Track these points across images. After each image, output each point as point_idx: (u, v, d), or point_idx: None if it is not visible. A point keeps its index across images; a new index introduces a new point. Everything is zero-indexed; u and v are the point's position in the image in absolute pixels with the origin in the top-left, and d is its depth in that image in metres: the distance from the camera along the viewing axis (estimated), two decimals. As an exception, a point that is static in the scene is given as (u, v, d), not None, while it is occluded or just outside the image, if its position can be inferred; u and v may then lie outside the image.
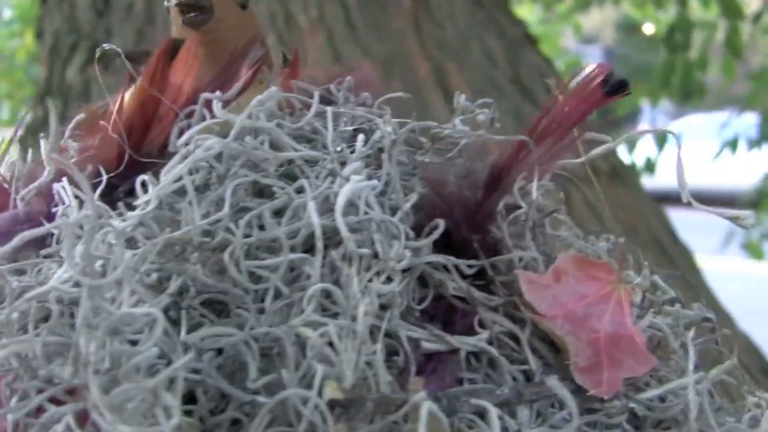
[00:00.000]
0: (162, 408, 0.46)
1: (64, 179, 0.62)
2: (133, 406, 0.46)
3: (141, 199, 0.57)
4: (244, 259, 0.54)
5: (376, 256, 0.54)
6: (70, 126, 0.69)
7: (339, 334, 0.49)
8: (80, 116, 0.70)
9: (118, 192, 0.62)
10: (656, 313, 0.67)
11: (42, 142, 0.66)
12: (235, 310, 0.54)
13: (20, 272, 0.60)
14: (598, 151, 0.68)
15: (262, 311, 0.53)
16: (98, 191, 0.60)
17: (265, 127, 0.60)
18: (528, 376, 0.57)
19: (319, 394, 0.47)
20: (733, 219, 0.64)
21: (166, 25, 2.01)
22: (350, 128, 0.65)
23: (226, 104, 0.61)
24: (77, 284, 0.51)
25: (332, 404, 0.47)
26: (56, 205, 0.61)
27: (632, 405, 0.57)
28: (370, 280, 0.53)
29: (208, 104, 0.61)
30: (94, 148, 0.65)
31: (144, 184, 0.58)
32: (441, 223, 0.57)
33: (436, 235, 0.56)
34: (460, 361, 0.55)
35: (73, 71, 2.33)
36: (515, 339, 0.58)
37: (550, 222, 0.69)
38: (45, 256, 0.60)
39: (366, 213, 0.55)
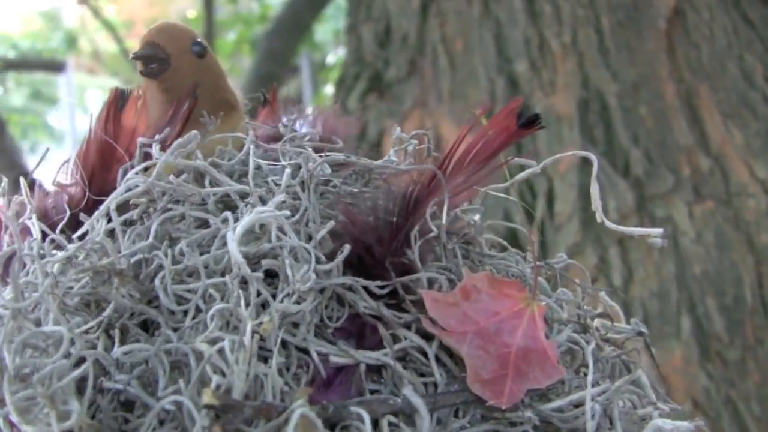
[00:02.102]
0: (61, 411, 0.55)
1: (33, 216, 0.72)
2: (38, 410, 0.55)
3: (78, 233, 0.67)
4: (174, 284, 0.63)
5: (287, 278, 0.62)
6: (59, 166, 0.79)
7: (231, 348, 0.56)
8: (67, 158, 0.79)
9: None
10: (585, 328, 0.71)
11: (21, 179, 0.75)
12: (163, 329, 0.62)
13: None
14: (523, 175, 0.73)
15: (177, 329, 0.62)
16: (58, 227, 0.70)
17: (199, 166, 0.69)
18: (435, 387, 0.63)
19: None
20: (644, 237, 0.68)
21: (435, 54, 2.12)
22: (286, 163, 0.72)
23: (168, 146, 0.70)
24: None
25: (208, 408, 0.54)
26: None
27: (528, 414, 0.62)
28: (281, 301, 0.61)
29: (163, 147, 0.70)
30: (66, 187, 0.75)
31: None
32: (347, 248, 0.63)
33: (341, 258, 0.63)
34: (361, 374, 0.61)
35: (354, 99, 2.48)
36: (425, 354, 0.63)
37: (486, 243, 0.75)
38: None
39: (279, 240, 0.63)
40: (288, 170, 0.70)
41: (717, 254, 1.91)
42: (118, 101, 0.76)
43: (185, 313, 0.62)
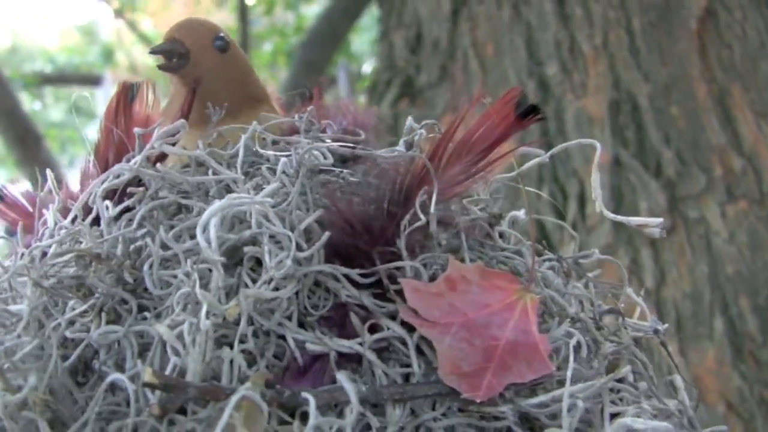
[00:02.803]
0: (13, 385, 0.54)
1: (50, 206, 0.70)
2: None
3: (67, 219, 0.65)
4: (162, 269, 0.63)
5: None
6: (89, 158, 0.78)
7: (188, 331, 0.55)
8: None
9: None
10: (597, 325, 0.69)
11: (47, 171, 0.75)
12: (134, 312, 0.62)
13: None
14: (530, 164, 0.71)
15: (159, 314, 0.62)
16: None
17: (196, 155, 0.68)
18: (408, 378, 0.61)
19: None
20: (641, 227, 0.66)
21: (466, 59, 2.11)
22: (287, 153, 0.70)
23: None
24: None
25: (149, 387, 0.53)
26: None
27: (505, 408, 0.60)
28: (259, 287, 0.59)
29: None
30: (89, 178, 0.74)
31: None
32: (325, 235, 0.61)
33: (318, 245, 0.61)
34: (334, 362, 0.60)
35: (385, 106, 2.48)
36: (404, 343, 0.61)
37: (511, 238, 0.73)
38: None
39: (260, 227, 0.61)
40: (284, 159, 0.68)
41: (750, 254, 1.89)
42: (127, 94, 0.75)
43: (169, 297, 0.62)
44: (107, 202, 0.66)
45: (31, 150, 3.38)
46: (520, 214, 0.77)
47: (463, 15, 2.45)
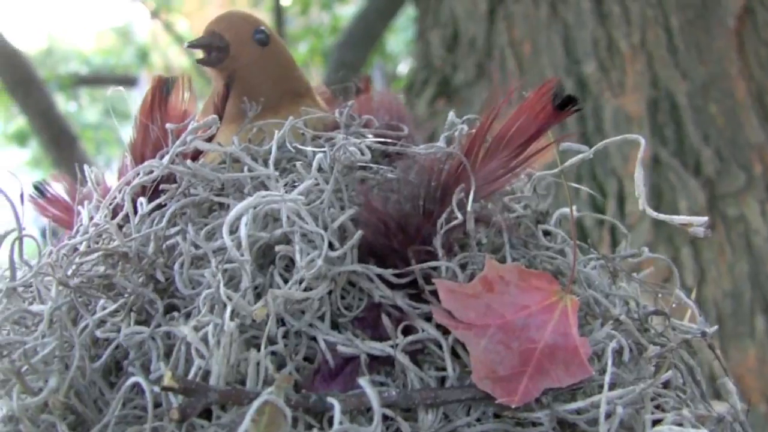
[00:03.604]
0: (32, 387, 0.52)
1: (86, 202, 0.69)
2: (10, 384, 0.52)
3: (98, 216, 0.63)
4: (193, 269, 0.61)
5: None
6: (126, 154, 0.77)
7: (213, 332, 0.54)
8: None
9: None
10: (642, 327, 0.67)
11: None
12: (159, 313, 0.60)
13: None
14: (574, 160, 0.69)
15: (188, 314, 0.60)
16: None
17: (230, 151, 0.66)
18: (443, 381, 0.59)
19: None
20: (685, 226, 0.64)
21: (503, 58, 2.10)
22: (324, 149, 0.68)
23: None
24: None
25: (168, 391, 0.51)
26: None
27: (540, 414, 0.58)
28: (290, 287, 0.57)
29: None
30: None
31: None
32: (358, 233, 0.60)
33: (350, 244, 0.59)
34: (365, 365, 0.58)
35: (422, 105, 2.46)
36: (439, 346, 0.59)
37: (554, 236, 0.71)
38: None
39: (292, 225, 0.59)
40: (319, 155, 0.66)
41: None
42: (162, 88, 0.74)
43: (199, 297, 0.60)
44: (141, 199, 0.65)
45: (67, 151, 3.38)
46: (566, 211, 0.75)
47: (499, 14, 2.42)
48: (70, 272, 0.61)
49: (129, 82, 6.13)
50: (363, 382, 0.55)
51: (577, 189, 1.58)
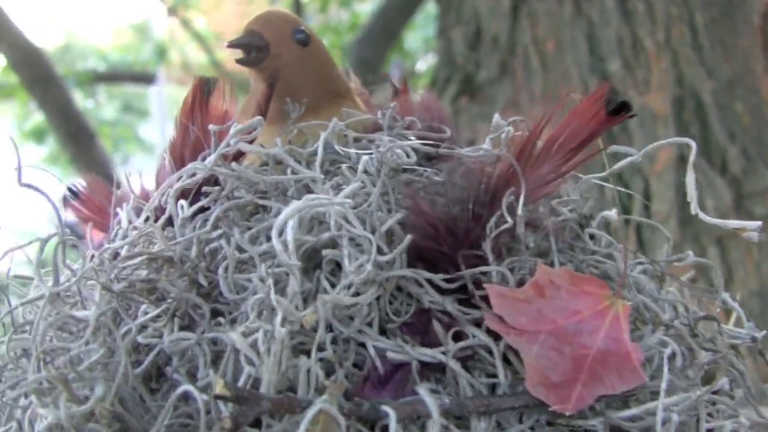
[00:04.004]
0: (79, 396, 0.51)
1: (125, 204, 0.68)
2: (57, 393, 0.51)
3: (139, 219, 0.62)
4: (237, 273, 0.60)
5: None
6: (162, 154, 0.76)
7: (263, 339, 0.52)
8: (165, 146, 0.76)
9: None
10: (693, 332, 0.66)
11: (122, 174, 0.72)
12: (207, 318, 0.59)
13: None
14: (623, 163, 0.68)
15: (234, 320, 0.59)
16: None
17: (274, 153, 0.65)
18: (495, 389, 0.58)
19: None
20: (739, 231, 0.63)
21: (526, 55, 2.10)
22: (370, 151, 0.67)
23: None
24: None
25: (220, 399, 0.50)
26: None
27: (595, 422, 0.57)
28: (338, 292, 0.56)
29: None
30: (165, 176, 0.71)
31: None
32: (408, 237, 0.58)
33: (400, 248, 0.58)
34: (416, 372, 0.57)
35: (445, 102, 2.43)
36: (489, 352, 0.58)
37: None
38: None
39: (339, 229, 0.58)
40: (366, 158, 0.65)
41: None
42: (203, 89, 0.73)
43: (244, 302, 0.59)
44: (182, 202, 0.64)
45: (85, 147, 3.37)
46: (612, 214, 0.74)
47: (523, 11, 2.41)
48: (113, 276, 0.59)
49: (147, 79, 6.13)
50: (421, 390, 0.54)
51: (602, 188, 1.56)
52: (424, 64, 6.15)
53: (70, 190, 0.79)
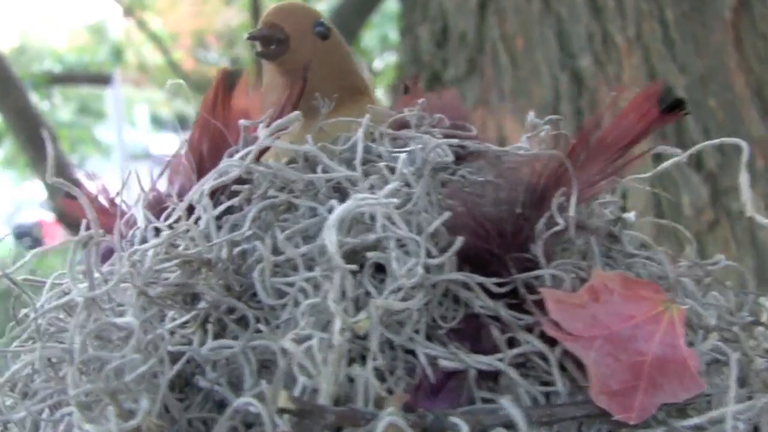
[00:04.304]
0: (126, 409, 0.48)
1: (137, 203, 0.64)
2: (102, 406, 0.48)
3: (169, 220, 0.59)
4: (274, 276, 0.56)
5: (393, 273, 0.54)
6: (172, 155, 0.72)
7: (319, 347, 0.49)
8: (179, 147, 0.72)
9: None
10: (736, 337, 0.63)
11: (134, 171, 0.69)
12: (252, 325, 0.55)
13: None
14: (667, 164, 0.66)
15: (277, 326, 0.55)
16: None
17: (306, 150, 0.61)
18: (555, 398, 0.55)
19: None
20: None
21: (495, 52, 2.08)
22: (406, 149, 0.64)
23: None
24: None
25: (283, 413, 0.47)
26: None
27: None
28: (386, 297, 0.53)
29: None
30: (177, 175, 0.68)
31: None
32: (460, 239, 0.55)
33: (452, 251, 0.55)
34: (473, 380, 0.54)
35: None
36: (544, 359, 0.55)
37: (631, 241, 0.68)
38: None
39: (385, 230, 0.55)
40: (404, 156, 0.62)
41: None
42: (226, 82, 0.69)
43: (284, 307, 0.56)
44: (204, 201, 0.60)
45: (44, 150, 3.32)
46: (631, 216, 0.72)
47: (490, 8, 2.39)
48: (147, 281, 0.56)
49: (103, 80, 6.08)
50: (506, 402, 0.51)
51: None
52: (381, 62, 6.15)
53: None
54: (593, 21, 2.20)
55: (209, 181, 0.58)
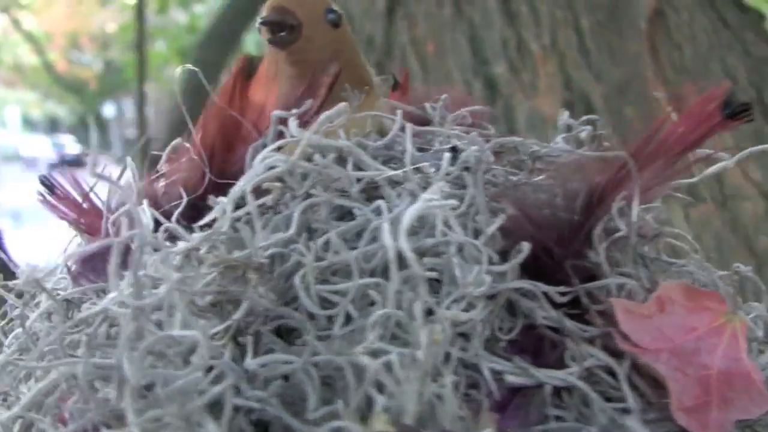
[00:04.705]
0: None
1: (145, 202, 0.59)
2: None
3: (203, 221, 0.53)
4: (317, 284, 0.51)
5: (454, 281, 0.50)
6: (167, 150, 0.66)
7: (401, 363, 0.44)
8: (176, 140, 0.67)
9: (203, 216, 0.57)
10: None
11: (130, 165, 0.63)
12: (304, 337, 0.50)
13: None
14: (713, 169, 0.63)
15: (326, 338, 0.50)
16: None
17: (342, 146, 0.56)
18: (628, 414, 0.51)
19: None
20: None
21: (404, 57, 2.04)
22: (444, 147, 0.60)
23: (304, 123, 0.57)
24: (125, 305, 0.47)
25: None
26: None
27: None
28: (447, 307, 0.49)
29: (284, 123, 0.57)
30: (179, 171, 0.62)
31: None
32: (526, 246, 0.51)
33: (520, 258, 0.51)
34: (545, 397, 0.50)
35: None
36: (612, 374, 0.52)
37: (664, 248, 0.64)
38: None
39: (444, 235, 0.51)
40: (447, 155, 0.58)
41: (717, 257, 1.84)
42: (246, 71, 0.64)
43: (329, 319, 0.50)
44: (222, 199, 0.54)
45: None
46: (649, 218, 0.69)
47: (399, 13, 2.36)
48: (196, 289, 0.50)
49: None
50: (632, 422, 0.47)
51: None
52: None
53: (44, 182, 0.67)
54: (507, 27, 2.18)
55: (252, 178, 0.52)
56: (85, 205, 0.66)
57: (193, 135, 0.62)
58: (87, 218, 0.65)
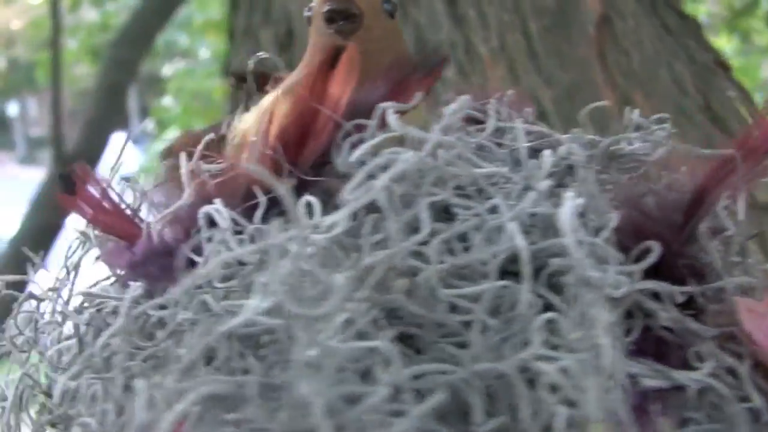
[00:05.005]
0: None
1: (216, 201, 0.56)
2: None
3: (327, 221, 0.51)
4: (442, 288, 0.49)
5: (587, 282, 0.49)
6: (199, 148, 0.63)
7: (582, 370, 0.43)
8: (208, 137, 0.65)
9: (272, 213, 0.54)
10: None
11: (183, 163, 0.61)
12: (438, 344, 0.48)
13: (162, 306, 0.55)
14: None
15: (461, 345, 0.47)
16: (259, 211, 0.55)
17: (453, 142, 0.54)
18: (756, 416, 0.51)
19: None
20: None
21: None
22: (527, 145, 0.59)
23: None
24: (277, 315, 0.45)
25: None
26: (198, 231, 0.55)
27: None
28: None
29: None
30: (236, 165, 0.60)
31: (309, 205, 0.51)
32: (656, 246, 0.51)
33: (651, 259, 0.50)
34: (686, 400, 0.49)
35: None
36: (733, 374, 0.51)
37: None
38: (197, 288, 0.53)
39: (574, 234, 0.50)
40: (548, 152, 0.57)
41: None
42: (332, 58, 0.60)
43: (466, 324, 0.47)
44: (308, 199, 0.51)
45: None
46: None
47: (342, 13, 2.35)
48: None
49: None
50: None
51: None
52: (171, 68, 6.07)
53: (63, 177, 0.63)
54: (455, 30, 2.18)
55: (387, 174, 0.49)
56: (105, 204, 0.63)
57: (263, 127, 0.60)
58: (107, 217, 0.62)
